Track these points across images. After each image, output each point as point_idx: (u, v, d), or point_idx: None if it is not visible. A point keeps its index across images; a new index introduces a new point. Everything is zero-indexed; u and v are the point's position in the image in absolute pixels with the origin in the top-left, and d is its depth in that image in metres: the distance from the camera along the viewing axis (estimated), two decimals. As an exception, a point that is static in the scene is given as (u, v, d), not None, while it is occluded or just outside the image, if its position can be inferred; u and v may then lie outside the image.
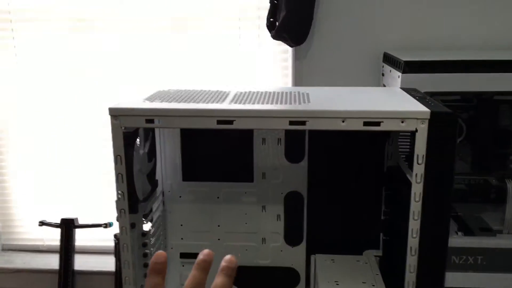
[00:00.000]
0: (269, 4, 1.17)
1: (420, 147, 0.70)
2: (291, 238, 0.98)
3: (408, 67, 0.92)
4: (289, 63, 1.27)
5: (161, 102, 0.77)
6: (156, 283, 0.43)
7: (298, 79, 1.25)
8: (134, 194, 0.79)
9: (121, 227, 0.77)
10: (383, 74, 1.13)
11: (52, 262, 1.39)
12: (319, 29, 1.21)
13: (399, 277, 0.77)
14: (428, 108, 0.70)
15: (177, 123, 0.74)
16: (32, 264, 1.45)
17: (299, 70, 1.25)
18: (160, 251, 0.45)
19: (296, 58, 1.24)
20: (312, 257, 0.96)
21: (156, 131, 0.93)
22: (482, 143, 1.06)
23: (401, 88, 0.90)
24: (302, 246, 0.98)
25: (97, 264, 1.43)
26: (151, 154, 0.90)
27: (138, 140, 0.82)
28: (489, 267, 1.01)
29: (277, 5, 1.14)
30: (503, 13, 1.17)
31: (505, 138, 1.07)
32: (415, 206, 0.71)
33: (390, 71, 1.03)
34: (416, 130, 0.69)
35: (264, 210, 0.97)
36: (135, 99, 0.79)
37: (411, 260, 0.73)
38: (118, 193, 0.75)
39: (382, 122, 0.70)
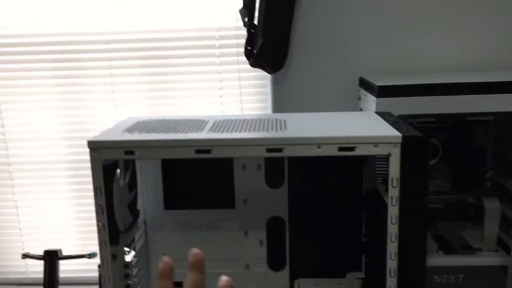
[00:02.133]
0: (246, 33, 1.19)
1: (394, 170, 0.71)
2: (274, 263, 0.98)
3: (382, 92, 0.95)
4: (268, 88, 1.29)
5: (140, 133, 0.78)
6: (165, 285, 0.46)
7: (277, 104, 1.27)
8: (115, 226, 0.79)
9: (102, 259, 0.77)
10: (359, 98, 1.16)
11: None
12: (296, 55, 1.24)
13: (380, 299, 0.78)
14: (400, 133, 0.72)
15: (156, 154, 0.75)
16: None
17: (278, 96, 1.27)
18: (166, 257, 0.47)
19: (275, 84, 1.27)
20: (296, 282, 0.96)
21: (137, 161, 0.94)
22: (458, 163, 1.08)
23: (375, 112, 0.92)
24: (286, 271, 0.98)
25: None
26: (132, 184, 0.90)
27: (118, 171, 0.83)
28: (470, 285, 1.02)
29: (254, 34, 1.17)
30: (474, 37, 1.21)
31: (479, 157, 1.10)
32: (392, 228, 0.73)
33: (366, 95, 1.06)
34: (390, 154, 0.71)
35: (246, 236, 0.98)
36: (114, 130, 0.80)
37: (391, 282, 0.74)
38: (98, 225, 0.76)
39: (356, 147, 0.72)
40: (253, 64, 1.18)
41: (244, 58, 1.22)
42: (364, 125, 0.84)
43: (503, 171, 1.05)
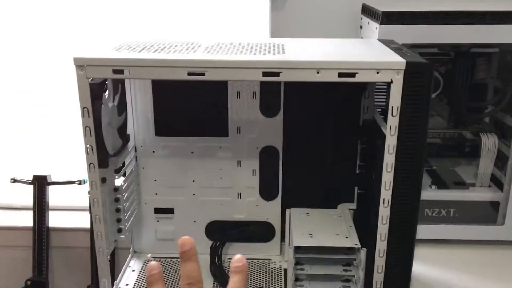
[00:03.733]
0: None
1: (395, 98, 0.69)
2: (267, 192, 0.98)
3: (386, 18, 0.90)
4: (266, 14, 1.23)
5: (130, 52, 0.73)
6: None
7: (275, 31, 1.22)
8: (104, 148, 0.77)
9: (90, 182, 0.75)
10: (361, 27, 1.11)
11: (26, 219, 1.37)
12: (297, -21, 1.17)
13: (371, 229, 0.77)
14: (404, 59, 0.68)
15: (146, 74, 0.71)
16: (5, 221, 1.43)
17: (276, 22, 1.21)
18: (152, 263, 0.47)
19: (274, 9, 1.20)
20: (287, 211, 0.96)
21: (127, 84, 0.90)
22: (459, 97, 1.05)
23: (378, 39, 0.88)
24: (278, 200, 0.98)
25: (73, 221, 1.42)
26: (122, 107, 0.87)
27: (107, 92, 0.79)
28: (461, 219, 1.03)
29: (252, -47, 1.09)
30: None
31: (480, 92, 1.07)
32: (389, 159, 0.71)
33: (368, 23, 1.01)
34: (392, 81, 0.68)
35: (239, 165, 0.96)
36: (102, 48, 0.75)
37: (384, 212, 0.74)
38: (86, 147, 0.73)
39: (357, 73, 0.68)
40: (251, -13, 1.11)
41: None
42: (366, 51, 0.80)
43: (503, 106, 1.03)
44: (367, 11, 1.04)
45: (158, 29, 1.32)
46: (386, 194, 0.73)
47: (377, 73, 0.68)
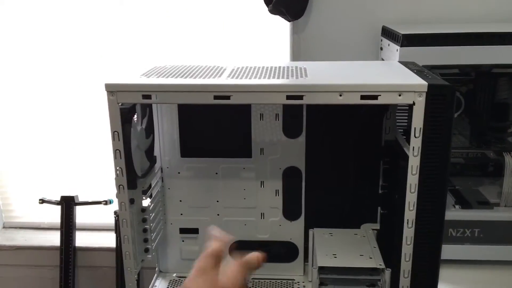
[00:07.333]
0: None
1: (417, 120, 0.70)
2: (290, 212, 0.99)
3: (407, 41, 0.91)
4: (287, 37, 1.26)
5: (158, 77, 0.76)
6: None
7: (296, 53, 1.24)
8: (133, 170, 0.79)
9: (120, 203, 0.77)
10: (381, 48, 1.12)
11: (53, 239, 1.40)
12: (317, 3, 1.20)
13: (396, 250, 0.78)
14: (426, 81, 0.70)
15: (174, 98, 0.74)
16: (33, 241, 1.46)
17: (297, 44, 1.24)
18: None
19: (294, 32, 1.23)
20: (310, 231, 0.96)
21: (154, 107, 0.93)
22: (481, 117, 1.06)
23: (399, 61, 0.89)
24: (301, 221, 0.99)
25: (98, 241, 1.45)
26: (149, 130, 0.90)
27: (135, 116, 0.82)
28: (486, 240, 1.02)
29: (274, -22, 1.12)
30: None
31: (503, 111, 1.07)
32: (412, 179, 0.72)
33: (389, 45, 1.03)
34: (414, 103, 0.69)
35: (262, 186, 0.98)
36: (132, 74, 0.78)
37: (408, 233, 0.74)
38: (116, 169, 0.76)
39: (380, 95, 0.70)
40: (273, 11, 1.14)
41: (262, 3, 1.18)
42: (388, 73, 0.81)
43: (526, 126, 1.03)
44: (387, 33, 1.06)
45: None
46: (410, 214, 0.73)
47: (399, 95, 0.69)
